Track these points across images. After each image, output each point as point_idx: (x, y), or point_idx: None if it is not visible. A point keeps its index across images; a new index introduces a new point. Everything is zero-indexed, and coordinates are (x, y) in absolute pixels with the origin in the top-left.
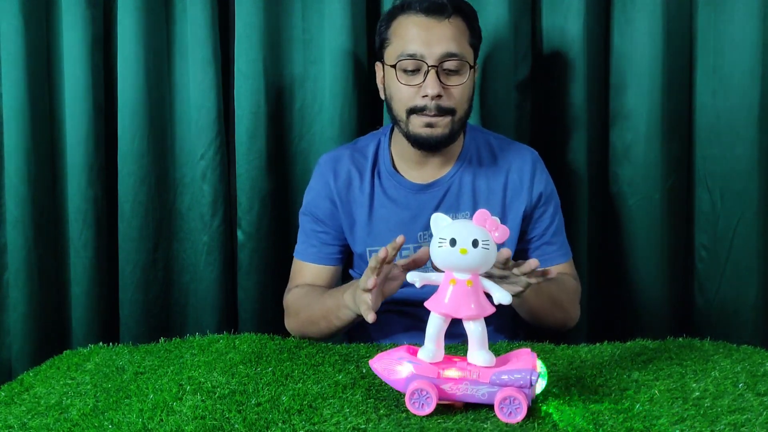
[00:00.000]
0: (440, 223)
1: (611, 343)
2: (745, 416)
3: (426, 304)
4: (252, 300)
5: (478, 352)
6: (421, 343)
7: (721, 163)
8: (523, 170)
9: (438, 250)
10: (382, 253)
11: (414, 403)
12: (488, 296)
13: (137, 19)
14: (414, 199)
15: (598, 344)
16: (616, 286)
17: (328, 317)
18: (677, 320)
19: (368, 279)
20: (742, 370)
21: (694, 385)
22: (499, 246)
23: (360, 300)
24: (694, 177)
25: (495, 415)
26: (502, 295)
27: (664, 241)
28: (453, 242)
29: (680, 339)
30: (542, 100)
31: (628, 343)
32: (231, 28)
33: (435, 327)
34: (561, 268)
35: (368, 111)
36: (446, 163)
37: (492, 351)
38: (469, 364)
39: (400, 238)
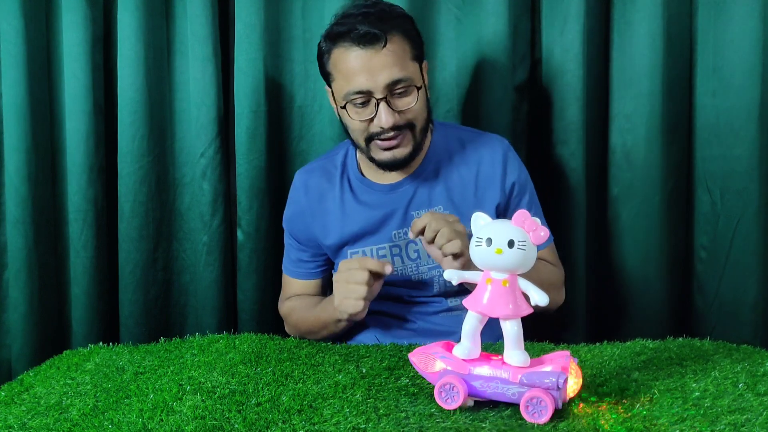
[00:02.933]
0: (479, 223)
1: (611, 343)
2: (745, 416)
3: (464, 302)
4: (252, 300)
5: (514, 352)
6: (416, 343)
7: (721, 163)
8: (495, 161)
9: (475, 250)
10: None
11: (442, 396)
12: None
13: (137, 19)
14: (385, 200)
15: (598, 344)
16: (616, 286)
17: (328, 327)
18: (677, 320)
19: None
20: (742, 370)
21: (694, 385)
22: (539, 247)
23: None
24: (694, 177)
25: (494, 415)
26: (540, 297)
27: (663, 242)
28: (489, 242)
29: (680, 339)
30: (541, 103)
31: (628, 343)
32: (231, 26)
33: (471, 325)
34: (542, 254)
35: None
36: (414, 162)
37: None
38: (504, 363)
39: (388, 268)
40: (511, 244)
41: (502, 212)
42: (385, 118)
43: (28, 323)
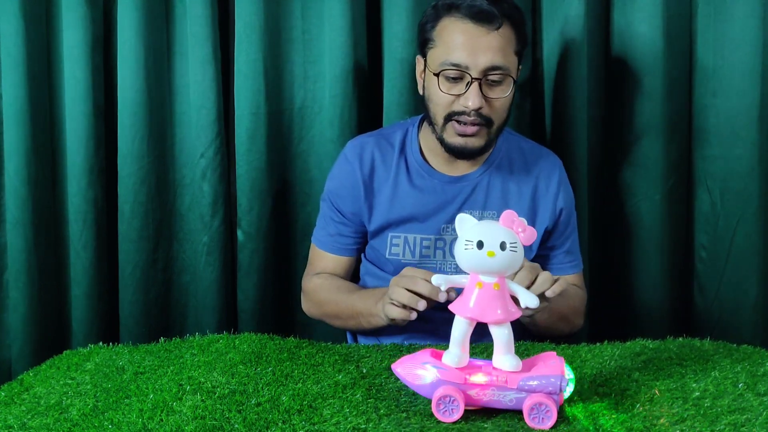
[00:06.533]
0: (466, 224)
1: (611, 343)
2: (745, 416)
3: (450, 307)
4: (252, 300)
5: (505, 357)
6: (426, 344)
7: (721, 163)
8: (551, 179)
9: (464, 253)
10: (421, 304)
11: (441, 410)
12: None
13: (137, 20)
14: (442, 190)
15: (598, 344)
16: (616, 286)
17: (358, 319)
18: (677, 320)
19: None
20: (742, 370)
21: (694, 385)
22: (527, 249)
23: (388, 313)
24: (694, 177)
25: (496, 416)
26: (530, 299)
27: (664, 241)
28: (480, 245)
29: (680, 339)
30: (542, 101)
31: (628, 343)
32: (231, 28)
33: (460, 331)
34: (572, 278)
35: (368, 111)
36: (477, 161)
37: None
38: (494, 368)
39: (442, 296)
40: (503, 246)
41: (551, 229)
42: (472, 99)
43: (28, 323)
